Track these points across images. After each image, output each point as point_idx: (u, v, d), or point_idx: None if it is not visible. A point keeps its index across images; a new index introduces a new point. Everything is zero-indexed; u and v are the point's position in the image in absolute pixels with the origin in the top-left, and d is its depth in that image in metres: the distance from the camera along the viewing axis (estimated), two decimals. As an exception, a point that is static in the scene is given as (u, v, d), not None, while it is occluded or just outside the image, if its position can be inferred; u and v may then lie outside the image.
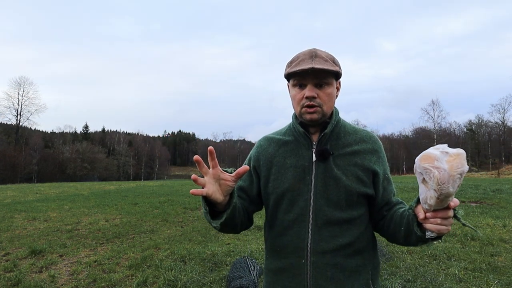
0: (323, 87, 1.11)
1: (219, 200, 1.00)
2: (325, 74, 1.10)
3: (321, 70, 1.07)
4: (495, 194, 11.89)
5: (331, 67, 1.09)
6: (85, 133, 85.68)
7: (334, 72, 1.11)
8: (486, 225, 6.48)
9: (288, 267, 1.12)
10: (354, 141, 1.17)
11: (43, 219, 8.24)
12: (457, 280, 3.67)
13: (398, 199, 1.20)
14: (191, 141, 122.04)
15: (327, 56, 1.14)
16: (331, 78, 1.12)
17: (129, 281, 3.86)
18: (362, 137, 1.19)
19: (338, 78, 1.17)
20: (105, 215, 8.75)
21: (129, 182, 32.22)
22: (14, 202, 12.13)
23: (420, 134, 67.44)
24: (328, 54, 1.15)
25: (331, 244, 1.09)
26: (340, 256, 1.09)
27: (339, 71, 1.14)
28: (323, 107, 1.12)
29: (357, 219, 1.13)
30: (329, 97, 1.13)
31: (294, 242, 1.12)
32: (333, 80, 1.14)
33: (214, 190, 0.99)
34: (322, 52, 1.14)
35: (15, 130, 61.35)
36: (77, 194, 15.08)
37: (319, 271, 1.08)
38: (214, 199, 0.99)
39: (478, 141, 71.25)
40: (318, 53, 1.12)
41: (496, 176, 32.25)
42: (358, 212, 1.14)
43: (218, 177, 0.99)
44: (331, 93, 1.13)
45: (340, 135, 1.18)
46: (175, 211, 9.39)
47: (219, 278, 3.84)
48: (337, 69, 1.12)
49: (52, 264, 4.53)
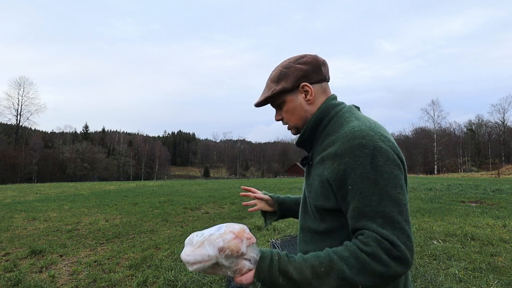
0: (281, 108, 1.14)
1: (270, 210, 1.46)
2: (271, 99, 1.13)
3: (258, 104, 1.16)
4: (495, 194, 11.90)
5: (264, 95, 1.11)
6: (85, 133, 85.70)
7: (272, 95, 1.09)
8: (486, 225, 6.48)
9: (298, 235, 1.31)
10: (326, 145, 1.02)
11: (43, 219, 8.24)
12: (457, 280, 3.67)
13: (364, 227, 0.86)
14: (191, 141, 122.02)
15: (273, 76, 1.12)
16: (279, 98, 1.10)
17: (129, 281, 3.86)
18: (336, 138, 0.99)
19: (290, 91, 1.09)
20: (105, 215, 8.75)
21: (129, 182, 32.23)
22: (14, 202, 12.13)
23: (420, 134, 67.46)
24: (275, 73, 1.12)
25: (303, 248, 1.11)
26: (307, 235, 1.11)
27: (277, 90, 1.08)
28: (290, 124, 1.14)
29: (329, 232, 1.01)
30: (289, 114, 1.12)
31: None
32: (284, 97, 1.10)
33: (262, 206, 1.46)
34: (271, 74, 1.13)
35: (15, 130, 61.40)
36: (77, 194, 15.08)
37: (299, 241, 1.20)
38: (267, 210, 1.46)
39: (478, 141, 71.28)
40: (267, 81, 1.15)
41: (496, 176, 32.26)
42: (327, 225, 1.01)
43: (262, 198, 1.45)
44: (288, 110, 1.11)
45: (321, 139, 1.07)
46: (175, 211, 9.39)
47: (219, 278, 3.84)
48: (270, 93, 1.09)
49: (52, 264, 4.53)
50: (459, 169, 58.64)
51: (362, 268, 0.82)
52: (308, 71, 1.08)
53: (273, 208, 1.46)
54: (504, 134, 62.75)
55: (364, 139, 0.91)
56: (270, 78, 1.14)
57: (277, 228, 6.43)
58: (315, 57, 1.11)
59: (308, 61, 1.09)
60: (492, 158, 63.27)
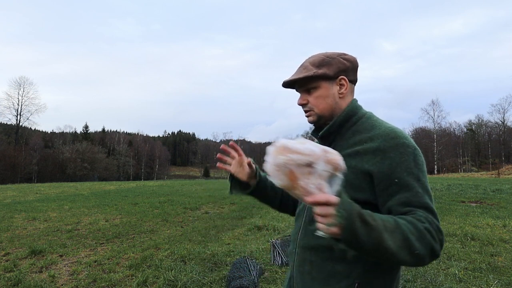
0: (311, 92, 1.17)
1: (242, 180, 1.28)
2: (306, 81, 1.15)
3: (292, 81, 1.17)
4: (495, 194, 11.90)
5: (303, 74, 1.14)
6: (85, 133, 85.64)
7: (311, 76, 1.13)
8: (486, 225, 6.48)
9: (290, 253, 1.27)
10: (359, 141, 1.09)
11: (43, 219, 8.24)
12: (457, 280, 3.67)
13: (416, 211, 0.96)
14: (191, 141, 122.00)
15: (314, 60, 1.16)
16: (316, 82, 1.15)
17: (129, 281, 3.86)
18: (374, 135, 1.07)
19: (329, 78, 1.14)
20: (105, 215, 8.75)
21: (129, 182, 32.23)
22: (14, 202, 12.13)
23: (420, 134, 67.38)
24: (317, 58, 1.17)
25: (313, 242, 1.11)
26: (317, 256, 1.10)
27: (319, 74, 1.12)
28: (315, 110, 1.17)
29: None
30: (319, 100, 1.16)
31: (294, 232, 1.24)
32: (319, 82, 1.15)
33: (237, 171, 1.27)
34: (310, 59, 1.18)
35: (15, 130, 61.38)
36: (77, 194, 15.08)
37: (299, 263, 1.16)
38: (239, 178, 1.28)
39: (478, 141, 71.24)
40: (304, 62, 1.19)
41: (496, 176, 32.26)
42: None
43: (242, 163, 1.27)
44: (320, 96, 1.16)
45: (348, 135, 1.14)
46: (175, 211, 9.39)
47: (219, 278, 3.83)
48: (311, 73, 1.12)
49: (52, 264, 4.53)
50: (459, 169, 58.64)
51: (420, 237, 0.90)
52: (348, 68, 1.17)
53: (250, 181, 1.30)
54: (504, 134, 62.69)
55: (407, 140, 1.04)
56: (309, 62, 1.17)
57: (277, 228, 6.44)
58: (356, 58, 1.21)
59: (350, 59, 1.18)
60: (492, 158, 63.23)
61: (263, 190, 1.34)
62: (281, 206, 1.42)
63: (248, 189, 1.31)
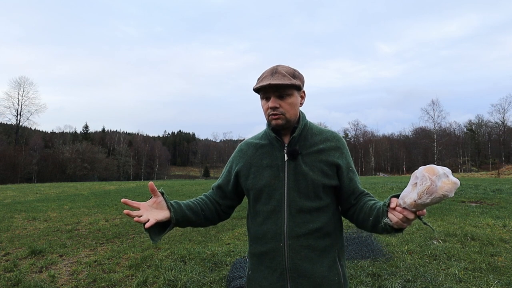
0: (284, 98, 1.31)
1: (164, 219, 1.25)
2: (284, 87, 1.28)
3: (276, 85, 1.26)
4: (495, 194, 11.89)
5: (287, 81, 1.27)
6: (85, 133, 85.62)
7: (292, 85, 1.28)
8: (486, 225, 6.48)
9: (269, 251, 1.33)
10: (319, 141, 1.38)
11: (43, 219, 8.24)
12: (457, 280, 3.67)
13: (364, 190, 1.39)
14: (191, 141, 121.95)
15: (287, 71, 1.32)
16: (291, 90, 1.31)
17: (129, 281, 3.86)
18: (327, 137, 1.40)
19: (299, 89, 1.34)
20: (105, 215, 8.75)
21: (129, 182, 32.20)
22: (14, 202, 12.13)
23: (420, 134, 67.42)
24: (289, 69, 1.34)
25: (304, 229, 1.30)
26: (311, 238, 1.30)
27: (296, 84, 1.29)
28: (286, 115, 1.32)
29: (325, 207, 1.34)
30: (291, 106, 1.33)
31: (273, 229, 1.33)
32: (293, 91, 1.32)
33: (154, 214, 1.23)
34: (283, 68, 1.33)
35: (15, 130, 61.37)
36: (77, 194, 15.08)
37: (295, 252, 1.29)
38: (160, 220, 1.24)
39: (478, 141, 71.23)
40: (279, 70, 1.31)
41: (496, 176, 32.23)
42: (325, 201, 1.34)
43: (159, 202, 1.29)
44: (292, 102, 1.33)
45: (308, 137, 1.38)
46: (175, 211, 9.38)
47: (219, 278, 3.83)
48: (293, 82, 1.28)
49: (52, 264, 4.53)
50: (459, 169, 58.61)
51: None
52: (303, 83, 1.39)
53: (166, 214, 1.27)
54: (504, 134, 62.70)
55: (343, 139, 1.45)
56: (284, 71, 1.32)
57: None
58: None
59: (302, 76, 1.39)
60: (492, 158, 63.14)
61: (185, 217, 1.34)
62: (206, 222, 1.45)
63: (170, 225, 1.29)
